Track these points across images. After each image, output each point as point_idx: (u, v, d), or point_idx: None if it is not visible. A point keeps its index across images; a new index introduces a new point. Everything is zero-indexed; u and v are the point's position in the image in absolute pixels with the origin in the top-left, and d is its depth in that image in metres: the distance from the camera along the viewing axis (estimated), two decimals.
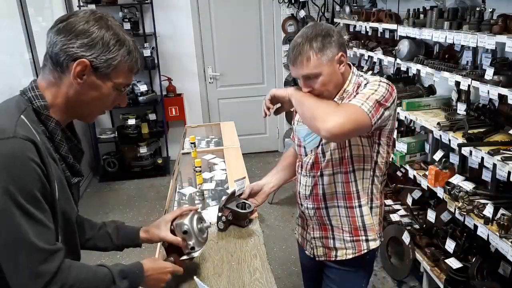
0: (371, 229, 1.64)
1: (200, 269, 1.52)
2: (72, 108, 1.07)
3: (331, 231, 1.67)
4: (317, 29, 1.44)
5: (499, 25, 1.99)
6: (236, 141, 2.98)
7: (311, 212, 1.68)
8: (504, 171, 1.88)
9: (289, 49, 1.48)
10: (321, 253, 1.72)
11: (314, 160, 1.61)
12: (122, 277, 1.13)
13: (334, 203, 1.62)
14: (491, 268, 2.27)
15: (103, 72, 1.04)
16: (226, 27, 4.86)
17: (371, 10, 3.64)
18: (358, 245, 1.64)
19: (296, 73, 1.48)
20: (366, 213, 1.62)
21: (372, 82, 1.46)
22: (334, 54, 1.44)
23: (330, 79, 1.46)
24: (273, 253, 3.24)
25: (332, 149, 1.54)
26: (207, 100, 5.11)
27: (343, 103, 1.47)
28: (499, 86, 2.00)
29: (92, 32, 1.02)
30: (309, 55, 1.41)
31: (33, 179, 0.92)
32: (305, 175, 1.66)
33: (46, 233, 0.96)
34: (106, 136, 4.79)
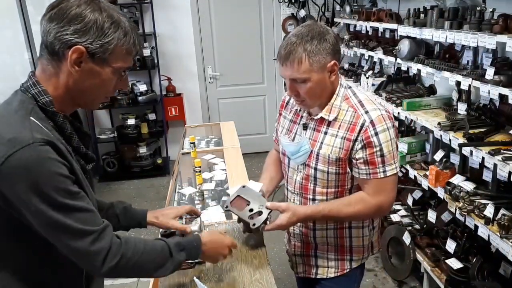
0: (357, 251, 1.59)
1: (200, 270, 1.51)
2: (75, 98, 1.06)
3: (314, 249, 1.62)
4: (314, 31, 1.35)
5: (499, 25, 1.99)
6: (236, 141, 2.98)
7: (296, 230, 1.63)
8: (504, 171, 1.87)
9: (281, 45, 1.38)
10: (300, 270, 1.70)
11: (303, 182, 1.54)
12: (179, 249, 1.17)
13: (323, 226, 1.57)
14: (491, 269, 2.26)
15: (101, 57, 1.01)
16: (226, 27, 4.85)
17: (371, 10, 3.63)
18: (342, 264, 1.61)
19: (283, 74, 1.39)
20: (356, 235, 1.57)
21: (380, 129, 1.37)
22: (327, 61, 1.35)
23: (318, 87, 1.38)
24: (273, 254, 3.24)
25: (329, 179, 1.48)
26: (207, 100, 5.11)
27: (377, 183, 1.41)
28: (499, 86, 2.00)
29: (84, 16, 0.98)
30: (301, 57, 1.33)
31: (62, 177, 0.95)
32: (293, 192, 1.60)
33: (90, 217, 1.01)
34: (106, 136, 4.79)
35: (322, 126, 1.47)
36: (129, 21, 1.06)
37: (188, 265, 1.50)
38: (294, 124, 1.58)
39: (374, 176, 1.41)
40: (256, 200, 1.50)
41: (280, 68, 1.39)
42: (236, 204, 1.52)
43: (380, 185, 1.42)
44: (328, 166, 1.46)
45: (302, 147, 1.50)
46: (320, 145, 1.46)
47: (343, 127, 1.42)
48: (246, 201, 1.50)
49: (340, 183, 1.49)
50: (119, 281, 3.00)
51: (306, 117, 1.53)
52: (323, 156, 1.45)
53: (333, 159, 1.44)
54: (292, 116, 1.60)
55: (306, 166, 1.51)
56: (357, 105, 1.43)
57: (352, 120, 1.41)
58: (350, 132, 1.40)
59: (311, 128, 1.51)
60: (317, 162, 1.47)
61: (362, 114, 1.40)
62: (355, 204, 1.45)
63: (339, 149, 1.42)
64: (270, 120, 5.26)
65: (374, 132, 1.38)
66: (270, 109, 5.23)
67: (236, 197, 1.52)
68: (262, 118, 5.26)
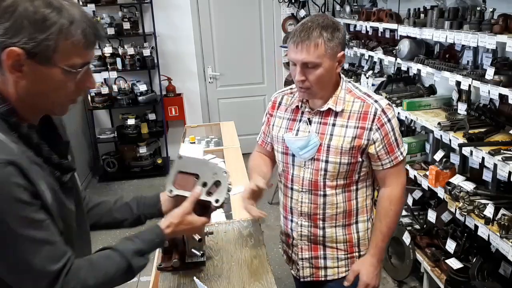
0: (364, 244, 1.62)
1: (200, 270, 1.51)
2: (32, 105, 0.91)
3: (323, 250, 1.61)
4: (328, 20, 1.39)
5: (499, 25, 1.99)
6: (236, 141, 2.98)
7: (304, 231, 1.61)
8: (504, 171, 1.87)
9: (296, 30, 1.39)
10: (307, 274, 1.65)
11: (313, 177, 1.53)
12: (139, 256, 1.06)
13: (333, 223, 1.57)
14: (491, 269, 2.26)
15: (43, 56, 0.84)
16: (226, 26, 4.85)
17: (371, 10, 3.63)
18: (352, 261, 1.61)
19: (296, 57, 1.38)
20: (362, 229, 1.60)
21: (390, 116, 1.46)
22: (338, 50, 1.40)
23: (327, 74, 1.41)
24: (273, 254, 3.23)
25: (341, 170, 1.49)
26: (207, 100, 5.11)
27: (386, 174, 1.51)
28: (499, 86, 2.00)
29: (14, 10, 0.80)
30: (318, 42, 1.35)
31: (25, 203, 0.84)
32: (299, 190, 1.57)
33: (51, 250, 0.89)
34: (106, 136, 4.79)
35: (329, 118, 1.49)
36: (77, 6, 0.88)
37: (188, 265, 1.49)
38: (293, 122, 1.57)
39: (396, 160, 1.49)
40: (205, 168, 1.21)
41: (293, 51, 1.38)
42: (181, 183, 1.22)
43: (401, 168, 1.53)
44: (341, 157, 1.47)
45: (311, 141, 1.49)
46: (330, 137, 1.48)
47: (353, 117, 1.46)
48: (192, 175, 1.21)
49: (349, 174, 1.51)
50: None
51: (308, 112, 1.53)
52: (335, 147, 1.46)
53: (347, 149, 1.46)
54: (290, 114, 1.59)
55: (315, 160, 1.51)
56: (364, 96, 1.49)
57: (361, 109, 1.46)
58: (363, 121, 1.45)
59: (316, 122, 1.51)
60: (328, 154, 1.48)
61: (372, 103, 1.46)
62: (389, 207, 1.53)
63: (352, 138, 1.45)
64: None
65: (387, 119, 1.45)
66: None
67: (178, 174, 1.22)
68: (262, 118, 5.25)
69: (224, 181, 1.19)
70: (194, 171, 1.20)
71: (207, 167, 1.21)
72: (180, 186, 1.20)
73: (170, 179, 1.22)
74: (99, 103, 4.56)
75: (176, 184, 1.21)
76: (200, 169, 1.20)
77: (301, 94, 1.50)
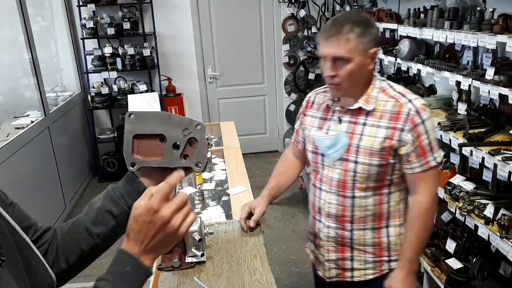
0: (396, 249, 1.54)
1: (200, 270, 1.51)
2: None
3: (350, 252, 1.56)
4: (360, 16, 1.38)
5: (499, 25, 1.98)
6: (236, 141, 2.98)
7: (331, 232, 1.55)
8: (504, 171, 1.87)
9: (327, 24, 1.38)
10: (333, 274, 1.60)
11: (342, 178, 1.48)
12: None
13: (361, 226, 1.51)
14: (491, 269, 2.26)
15: None
16: (226, 26, 4.85)
17: (371, 10, 3.63)
18: (380, 265, 1.55)
19: (327, 51, 1.36)
20: (394, 234, 1.53)
21: (425, 117, 1.38)
22: (370, 47, 1.36)
23: (358, 70, 1.36)
24: (273, 254, 3.24)
25: (371, 173, 1.43)
26: (207, 100, 5.10)
27: (418, 180, 1.43)
28: (499, 86, 2.00)
29: None
30: (349, 37, 1.32)
31: None
32: (328, 191, 1.52)
33: None
34: (106, 136, 4.79)
35: (360, 117, 1.44)
36: None
37: (188, 265, 1.50)
38: (324, 121, 1.54)
39: (428, 165, 1.41)
40: (170, 124, 0.87)
41: (325, 45, 1.36)
42: (144, 149, 0.88)
43: (433, 174, 1.44)
44: (371, 158, 1.42)
45: (339, 140, 1.45)
46: (360, 137, 1.43)
47: (385, 116, 1.41)
48: (156, 137, 0.87)
49: (380, 177, 1.45)
50: None
51: (339, 111, 1.49)
52: (365, 148, 1.42)
53: (377, 150, 1.41)
54: (321, 113, 1.56)
55: (344, 161, 1.46)
56: (398, 95, 1.43)
57: (394, 109, 1.40)
58: (395, 121, 1.39)
59: (347, 121, 1.47)
60: (357, 155, 1.43)
61: (405, 103, 1.40)
62: (418, 217, 1.46)
63: (383, 138, 1.40)
64: (270, 120, 5.27)
65: (421, 120, 1.38)
66: (270, 109, 5.23)
67: (134, 140, 0.87)
68: (262, 118, 5.26)
69: (200, 136, 0.87)
70: (155, 130, 0.86)
71: (171, 121, 0.86)
72: (143, 155, 0.87)
73: (127, 148, 0.87)
74: (99, 103, 4.56)
75: (137, 153, 0.88)
76: (163, 126, 0.86)
77: (332, 91, 1.46)
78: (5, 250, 0.68)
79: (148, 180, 0.90)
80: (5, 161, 2.92)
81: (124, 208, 0.88)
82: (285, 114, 5.20)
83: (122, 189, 0.91)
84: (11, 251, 0.72)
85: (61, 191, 3.89)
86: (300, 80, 5.06)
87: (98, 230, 0.89)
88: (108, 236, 0.90)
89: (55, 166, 3.81)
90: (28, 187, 3.26)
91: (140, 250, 0.75)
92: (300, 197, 4.13)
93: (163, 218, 0.74)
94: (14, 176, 3.05)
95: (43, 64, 3.73)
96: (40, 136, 3.55)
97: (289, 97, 5.14)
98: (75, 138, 4.48)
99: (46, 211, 3.54)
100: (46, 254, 0.87)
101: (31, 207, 0.93)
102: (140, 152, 0.88)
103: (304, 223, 3.69)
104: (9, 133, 3.21)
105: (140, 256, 0.76)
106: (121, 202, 0.89)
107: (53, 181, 3.78)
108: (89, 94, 4.62)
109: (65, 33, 4.57)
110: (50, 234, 0.91)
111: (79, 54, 4.67)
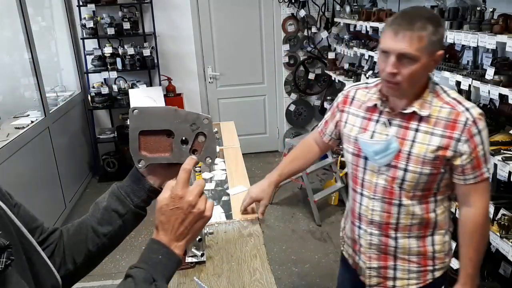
0: (440, 257, 1.50)
1: (200, 270, 1.51)
2: None
3: (393, 260, 1.49)
4: (432, 13, 1.27)
5: (499, 25, 1.99)
6: (236, 141, 2.98)
7: (374, 240, 1.49)
8: (504, 171, 1.87)
9: (395, 17, 1.27)
10: (374, 282, 1.55)
11: (388, 185, 1.40)
12: (149, 283, 0.76)
13: (406, 234, 1.45)
14: (491, 269, 2.26)
15: None
16: (226, 26, 4.85)
17: (371, 10, 3.64)
18: (424, 275, 1.50)
19: (394, 46, 1.24)
20: (439, 242, 1.47)
21: (481, 127, 1.31)
22: (438, 48, 1.27)
23: (421, 71, 1.27)
24: (273, 254, 3.24)
25: (420, 181, 1.36)
26: (207, 100, 5.11)
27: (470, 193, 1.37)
28: (499, 86, 2.00)
29: None
30: (422, 34, 1.22)
31: None
32: (372, 197, 1.45)
33: None
34: (106, 136, 4.79)
35: (412, 123, 1.35)
36: None
37: (188, 265, 1.50)
38: (368, 121, 1.44)
39: (481, 177, 1.35)
40: (177, 119, 0.85)
41: (391, 38, 1.25)
42: (151, 146, 0.86)
43: (486, 185, 1.38)
44: (422, 166, 1.34)
45: (390, 146, 1.36)
46: (412, 144, 1.34)
47: (440, 124, 1.32)
48: (163, 132, 0.85)
49: (428, 186, 1.38)
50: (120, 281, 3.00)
51: (388, 112, 1.39)
52: (418, 156, 1.34)
53: (430, 158, 1.33)
54: (364, 112, 1.46)
55: (392, 167, 1.38)
56: (453, 102, 1.34)
57: (450, 117, 1.32)
58: (451, 130, 1.31)
59: (396, 124, 1.38)
60: (408, 162, 1.35)
61: (462, 111, 1.31)
62: (475, 230, 1.40)
63: (437, 147, 1.32)
64: (270, 120, 5.27)
65: (477, 131, 1.31)
66: (270, 109, 5.23)
67: (140, 137, 0.86)
68: (262, 118, 5.26)
69: (208, 130, 0.85)
70: (162, 126, 0.84)
71: (178, 116, 0.84)
72: (151, 152, 0.86)
73: (133, 145, 0.85)
74: (99, 103, 4.56)
75: (144, 149, 0.86)
76: (170, 121, 0.84)
77: (388, 89, 1.34)
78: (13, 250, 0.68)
79: (153, 177, 0.90)
80: (5, 161, 2.92)
81: (130, 207, 0.88)
82: (285, 114, 5.20)
83: (128, 187, 0.90)
84: (18, 252, 0.73)
85: (61, 191, 3.89)
86: (300, 80, 5.06)
87: (104, 230, 0.89)
88: (115, 236, 0.90)
89: (55, 166, 3.81)
90: (28, 187, 3.26)
91: (171, 238, 0.78)
92: (300, 197, 4.13)
93: (188, 202, 0.78)
94: (14, 176, 3.05)
95: (43, 64, 3.73)
96: (40, 136, 3.55)
97: (289, 97, 5.14)
98: (75, 138, 4.48)
99: (46, 211, 3.54)
100: (53, 255, 0.87)
101: (31, 207, 0.91)
102: (147, 149, 0.87)
103: (304, 223, 3.69)
104: (9, 133, 3.21)
105: (171, 244, 0.78)
106: (127, 201, 0.89)
107: (53, 181, 3.78)
108: (89, 94, 4.62)
109: (65, 33, 4.57)
110: (56, 235, 0.90)
111: (79, 54, 4.67)
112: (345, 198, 3.91)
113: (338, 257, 3.17)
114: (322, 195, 3.73)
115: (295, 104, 5.14)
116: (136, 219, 0.90)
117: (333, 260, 3.16)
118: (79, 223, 0.92)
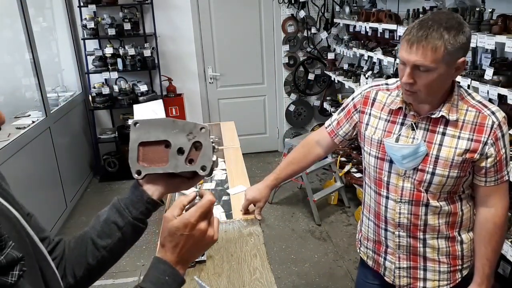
0: (467, 256, 1.50)
1: (200, 269, 1.52)
2: None
3: (423, 261, 1.50)
4: (453, 20, 1.21)
5: (498, 25, 2.00)
6: (236, 141, 2.99)
7: (402, 241, 1.49)
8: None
9: (412, 27, 1.24)
10: (404, 283, 1.54)
11: (415, 188, 1.40)
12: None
13: (434, 235, 1.45)
14: None
15: None
16: (226, 27, 4.86)
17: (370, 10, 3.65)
18: (454, 275, 1.50)
19: (408, 57, 1.23)
20: (466, 240, 1.48)
21: (505, 130, 1.32)
22: (459, 57, 1.23)
23: (439, 81, 1.25)
24: (273, 253, 3.25)
25: (447, 184, 1.37)
26: (207, 100, 5.12)
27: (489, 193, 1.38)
28: (498, 86, 2.01)
29: None
30: (437, 45, 1.18)
31: None
32: (399, 201, 1.44)
33: None
34: (107, 136, 4.80)
35: (438, 126, 1.35)
36: None
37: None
38: (393, 124, 1.42)
39: (502, 180, 1.37)
40: (174, 129, 0.87)
41: (406, 50, 1.24)
42: (149, 157, 0.89)
43: (506, 187, 1.39)
44: (450, 170, 1.34)
45: (419, 150, 1.35)
46: (439, 147, 1.34)
47: (467, 127, 1.32)
48: (161, 143, 0.88)
49: (454, 189, 1.39)
50: (120, 281, 3.01)
51: (413, 116, 1.38)
52: (446, 159, 1.34)
53: (458, 162, 1.33)
54: (387, 115, 1.44)
55: (419, 171, 1.38)
56: (479, 105, 1.34)
57: (477, 120, 1.32)
58: (478, 133, 1.31)
59: (423, 128, 1.37)
60: (435, 166, 1.35)
61: (489, 115, 1.32)
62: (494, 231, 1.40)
63: (465, 150, 1.32)
64: (270, 120, 5.28)
65: (501, 134, 1.32)
66: (270, 109, 5.24)
67: (140, 148, 0.89)
68: (262, 118, 5.27)
69: (205, 139, 0.86)
70: (160, 137, 0.87)
71: (176, 126, 0.87)
72: (149, 162, 0.88)
73: (132, 156, 0.88)
74: (100, 103, 4.57)
75: (143, 160, 0.88)
76: (167, 132, 0.87)
77: (406, 97, 1.34)
78: (26, 260, 0.68)
79: (153, 188, 0.90)
80: (6, 161, 2.93)
81: (129, 219, 0.88)
82: (285, 114, 5.21)
83: (127, 199, 0.90)
84: (31, 261, 0.73)
85: (62, 191, 3.90)
86: (299, 80, 5.07)
87: (104, 242, 0.88)
88: (115, 249, 0.89)
89: (56, 166, 3.82)
90: (29, 187, 3.28)
91: (178, 260, 0.80)
92: (300, 197, 4.14)
93: (201, 230, 0.79)
94: (15, 176, 3.06)
95: (44, 65, 3.74)
96: (41, 136, 3.56)
97: (288, 97, 5.15)
98: (76, 138, 4.50)
99: (47, 210, 3.55)
100: (58, 267, 0.86)
101: (32, 207, 0.91)
102: (146, 160, 0.89)
103: (303, 222, 3.70)
104: (10, 133, 3.22)
105: (177, 265, 0.80)
106: (125, 213, 0.88)
107: (54, 181, 3.80)
108: (90, 95, 4.63)
109: (66, 33, 4.59)
110: (61, 247, 0.90)
111: (80, 54, 4.69)
112: (345, 198, 3.92)
113: (338, 256, 3.19)
114: (321, 194, 3.75)
115: (294, 104, 5.15)
116: (135, 232, 0.89)
117: (332, 259, 3.17)
118: (80, 235, 0.92)
